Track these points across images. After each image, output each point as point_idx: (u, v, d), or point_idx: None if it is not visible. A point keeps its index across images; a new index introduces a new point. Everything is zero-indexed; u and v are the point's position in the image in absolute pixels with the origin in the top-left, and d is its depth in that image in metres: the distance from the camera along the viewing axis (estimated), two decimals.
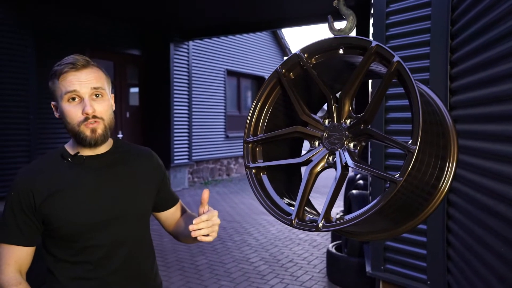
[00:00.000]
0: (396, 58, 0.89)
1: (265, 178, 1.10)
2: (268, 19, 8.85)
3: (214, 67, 10.95)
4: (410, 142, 0.85)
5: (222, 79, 11.30)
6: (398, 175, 0.85)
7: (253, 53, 12.70)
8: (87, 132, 1.28)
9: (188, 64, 9.85)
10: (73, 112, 1.28)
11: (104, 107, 1.31)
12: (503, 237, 1.66)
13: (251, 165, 1.10)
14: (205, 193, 1.32)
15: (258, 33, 12.64)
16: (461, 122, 2.25)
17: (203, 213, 1.30)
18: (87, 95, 1.28)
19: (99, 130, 1.29)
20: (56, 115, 1.34)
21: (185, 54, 9.76)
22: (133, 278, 1.40)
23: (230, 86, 11.88)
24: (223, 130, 11.31)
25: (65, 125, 1.30)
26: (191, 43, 9.89)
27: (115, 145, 1.42)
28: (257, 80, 13.06)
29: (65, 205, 1.29)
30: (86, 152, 1.34)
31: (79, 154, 1.33)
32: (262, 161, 1.11)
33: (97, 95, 1.30)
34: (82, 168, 1.33)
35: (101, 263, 1.33)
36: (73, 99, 1.27)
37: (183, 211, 1.63)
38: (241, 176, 11.72)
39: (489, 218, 1.82)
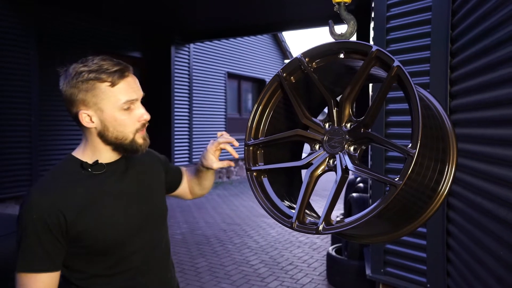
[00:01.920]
0: (396, 63, 0.90)
1: (265, 181, 1.11)
2: (269, 22, 8.87)
3: (215, 70, 10.97)
4: (410, 146, 0.86)
5: (223, 81, 11.32)
6: (398, 178, 0.86)
7: (254, 56, 12.72)
8: (140, 140, 1.25)
9: (189, 67, 9.87)
10: (130, 120, 1.22)
11: None
12: (503, 240, 1.67)
13: (252, 168, 1.10)
14: (223, 135, 1.46)
15: (259, 36, 12.66)
16: (461, 126, 2.25)
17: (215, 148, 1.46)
18: (139, 101, 1.26)
19: (147, 137, 1.29)
20: (90, 124, 1.22)
21: (186, 57, 9.79)
22: (165, 276, 1.39)
23: (231, 88, 11.90)
24: None
25: (112, 134, 1.22)
26: (192, 45, 9.91)
27: None
28: (258, 83, 13.08)
29: (99, 218, 1.22)
30: (104, 159, 1.27)
31: (99, 162, 1.26)
32: (263, 164, 1.12)
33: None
34: (104, 175, 1.27)
35: (141, 269, 1.30)
36: (129, 107, 1.22)
37: (188, 172, 1.66)
38: (242, 178, 11.72)
39: (489, 221, 1.83)
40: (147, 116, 1.25)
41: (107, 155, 1.27)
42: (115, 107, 1.20)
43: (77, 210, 1.19)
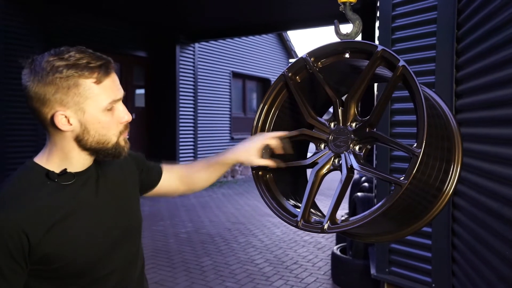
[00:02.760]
0: (401, 63, 0.91)
1: (271, 180, 1.12)
2: (274, 22, 8.87)
3: (219, 69, 10.98)
4: (415, 145, 0.86)
5: (228, 81, 11.33)
6: (403, 178, 0.86)
7: (259, 55, 12.73)
8: (123, 143, 1.10)
9: (194, 66, 9.88)
10: (113, 123, 1.07)
11: None
12: (508, 240, 1.67)
13: (258, 166, 1.11)
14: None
15: (264, 35, 12.66)
16: (467, 126, 2.25)
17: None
18: (121, 101, 1.10)
19: (127, 140, 1.13)
20: (67, 127, 1.04)
21: (191, 56, 9.80)
22: None
23: (236, 88, 11.91)
24: (228, 132, 11.33)
25: (94, 137, 1.06)
26: (197, 45, 9.92)
27: None
28: (263, 82, 13.08)
29: (70, 236, 1.04)
30: (74, 168, 1.09)
31: (67, 171, 1.07)
32: None
33: None
34: (74, 187, 1.08)
35: None
36: (112, 107, 1.06)
37: (176, 167, 1.46)
38: (246, 177, 11.73)
39: (494, 221, 1.83)
40: (128, 117, 1.09)
41: (79, 163, 1.09)
42: (99, 108, 1.03)
43: (43, 229, 1.00)
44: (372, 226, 1.00)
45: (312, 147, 1.13)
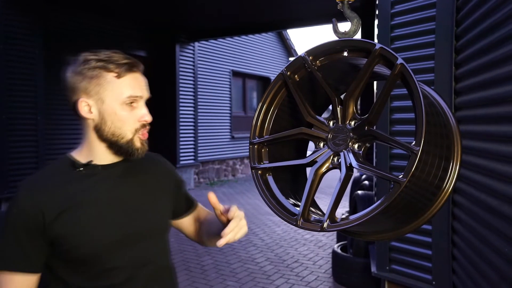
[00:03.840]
0: (399, 61, 0.91)
1: (270, 179, 1.11)
2: (274, 20, 8.86)
3: (219, 68, 10.98)
4: (413, 143, 0.86)
5: (228, 79, 11.33)
6: (401, 176, 0.86)
7: (259, 54, 12.72)
8: (138, 144, 1.16)
9: (193, 65, 9.88)
10: (130, 118, 1.14)
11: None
12: (508, 238, 1.67)
13: (257, 166, 1.11)
14: (212, 197, 1.17)
15: (263, 34, 12.65)
16: (466, 123, 2.25)
17: (221, 214, 1.17)
18: (144, 101, 1.18)
19: (145, 142, 1.18)
20: (88, 115, 1.15)
21: (191, 55, 9.80)
22: None
23: (236, 86, 11.91)
24: (228, 130, 11.33)
25: (110, 129, 1.14)
26: (196, 44, 9.92)
27: None
28: (263, 81, 13.08)
29: (79, 222, 1.12)
30: (100, 161, 1.18)
31: (92, 163, 1.17)
32: (267, 162, 1.13)
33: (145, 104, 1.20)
34: (96, 179, 1.17)
35: (125, 286, 1.17)
36: (131, 103, 1.14)
37: (204, 213, 1.47)
38: (247, 176, 11.73)
39: (493, 218, 1.83)
40: (148, 118, 1.16)
41: (103, 156, 1.17)
42: (117, 100, 1.13)
43: (57, 212, 1.11)
44: (372, 224, 1.00)
45: (311, 145, 1.13)
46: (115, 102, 1.13)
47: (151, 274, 1.22)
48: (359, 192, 4.17)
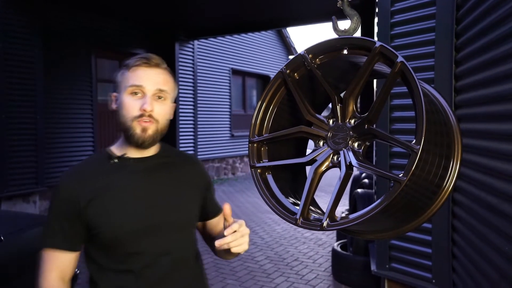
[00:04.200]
0: (400, 59, 0.90)
1: (270, 178, 1.11)
2: (273, 18, 8.85)
3: (219, 66, 10.97)
4: (413, 141, 0.86)
5: (227, 78, 11.32)
6: (402, 174, 0.86)
7: (258, 52, 12.71)
8: (137, 130, 1.24)
9: (193, 63, 9.87)
10: (132, 106, 1.24)
11: (163, 110, 1.27)
12: (508, 236, 1.66)
13: (257, 164, 1.10)
14: (227, 208, 1.23)
15: (263, 32, 12.63)
16: (466, 121, 2.24)
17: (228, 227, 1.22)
18: (151, 93, 1.25)
19: (150, 131, 1.25)
20: (113, 106, 1.30)
21: (190, 53, 9.79)
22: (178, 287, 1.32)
23: (235, 85, 11.90)
24: (228, 129, 11.32)
25: (119, 118, 1.26)
26: (196, 42, 9.91)
27: (162, 149, 1.38)
28: (262, 79, 13.07)
29: (108, 208, 1.24)
30: (133, 154, 1.29)
31: (125, 155, 1.29)
32: (267, 160, 1.12)
33: (159, 97, 1.27)
34: (128, 170, 1.28)
35: (144, 272, 1.25)
36: (136, 93, 1.24)
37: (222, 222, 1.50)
38: (246, 175, 11.73)
39: (493, 216, 1.82)
40: (147, 106, 1.23)
41: (132, 149, 1.29)
42: (124, 89, 1.26)
43: (88, 198, 1.23)
44: (372, 223, 1.00)
45: (311, 144, 1.13)
46: (123, 92, 1.26)
47: (172, 263, 1.29)
48: (359, 190, 4.17)
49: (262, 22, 9.10)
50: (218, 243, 1.16)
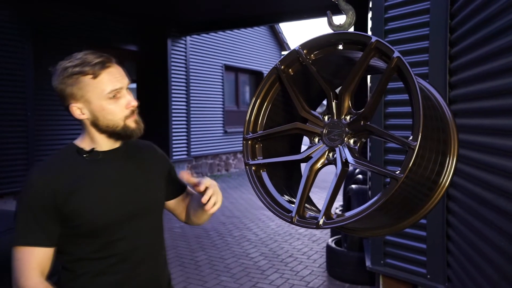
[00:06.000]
0: (396, 54, 0.89)
1: (264, 175, 1.09)
2: (266, 13, 8.82)
3: (212, 62, 10.92)
4: (410, 138, 0.84)
5: (220, 74, 11.28)
6: (399, 171, 0.85)
7: (251, 48, 12.67)
8: (133, 125, 1.31)
9: (185, 60, 9.82)
10: (117, 109, 1.28)
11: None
12: (502, 231, 1.66)
13: (251, 162, 1.09)
14: (184, 175, 1.34)
15: (256, 28, 12.59)
16: (461, 116, 2.24)
17: (197, 186, 1.33)
18: (125, 89, 1.31)
19: (140, 121, 1.34)
20: (82, 116, 1.29)
21: (183, 49, 9.73)
22: (153, 268, 1.42)
23: (228, 81, 11.86)
24: (221, 125, 11.30)
25: (103, 122, 1.29)
26: (188, 38, 9.85)
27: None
28: (255, 75, 13.04)
29: (88, 201, 1.28)
30: (102, 147, 1.34)
31: (95, 150, 1.33)
32: (261, 158, 1.11)
33: (126, 89, 1.33)
34: (99, 163, 1.33)
35: (125, 256, 1.33)
36: (114, 96, 1.28)
37: (191, 195, 1.62)
38: (240, 171, 11.72)
39: (488, 212, 1.82)
40: (134, 103, 1.30)
41: (104, 143, 1.33)
42: (101, 97, 1.26)
43: (69, 191, 1.27)
44: (368, 221, 0.99)
45: (306, 140, 1.11)
46: (100, 100, 1.27)
47: (148, 247, 1.39)
48: (353, 186, 4.17)
49: (255, 17, 9.06)
50: (204, 198, 1.29)
